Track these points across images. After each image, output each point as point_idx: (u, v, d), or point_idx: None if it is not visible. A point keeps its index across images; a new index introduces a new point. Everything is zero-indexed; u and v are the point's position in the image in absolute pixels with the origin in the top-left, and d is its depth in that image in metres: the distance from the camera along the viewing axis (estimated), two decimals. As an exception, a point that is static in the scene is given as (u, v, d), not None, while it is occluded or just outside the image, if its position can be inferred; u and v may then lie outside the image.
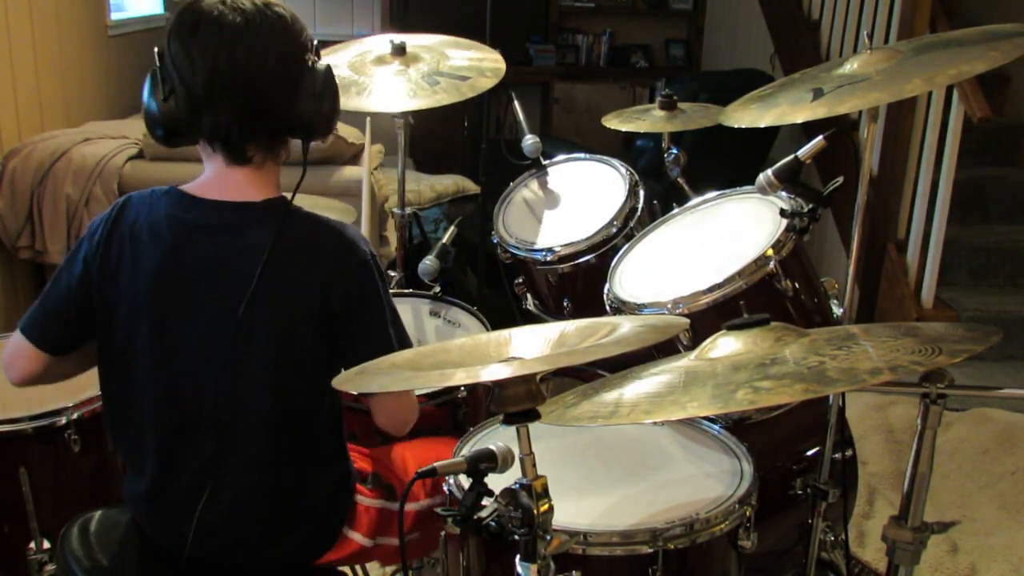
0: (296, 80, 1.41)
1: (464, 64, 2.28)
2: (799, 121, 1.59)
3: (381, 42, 2.30)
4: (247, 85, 1.38)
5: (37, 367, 1.51)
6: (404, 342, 1.49)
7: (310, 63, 1.44)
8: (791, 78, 1.82)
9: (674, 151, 2.36)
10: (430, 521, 1.66)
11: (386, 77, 2.20)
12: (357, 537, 1.57)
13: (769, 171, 1.79)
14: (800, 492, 1.85)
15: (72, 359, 1.54)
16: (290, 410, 1.45)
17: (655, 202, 2.24)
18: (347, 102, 2.14)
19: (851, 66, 1.68)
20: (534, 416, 1.10)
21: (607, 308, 1.88)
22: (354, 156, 3.52)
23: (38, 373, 1.52)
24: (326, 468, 1.53)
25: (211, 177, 1.46)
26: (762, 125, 1.68)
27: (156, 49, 1.43)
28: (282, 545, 1.49)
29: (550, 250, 2.15)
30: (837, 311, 1.85)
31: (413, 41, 2.30)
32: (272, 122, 1.43)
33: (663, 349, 1.68)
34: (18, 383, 1.54)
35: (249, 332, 1.39)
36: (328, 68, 1.46)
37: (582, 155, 2.43)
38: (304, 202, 2.25)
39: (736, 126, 1.74)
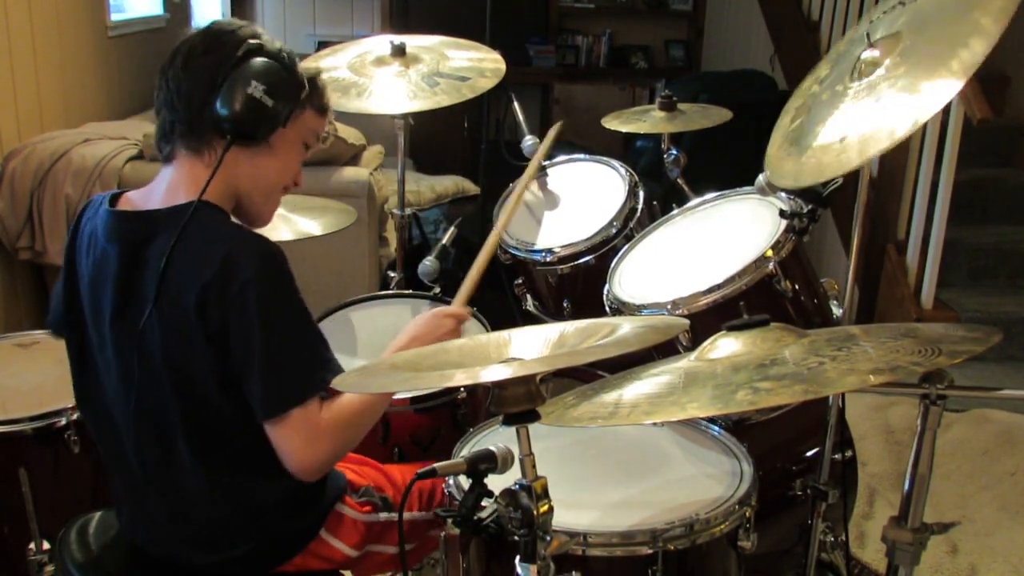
0: (212, 77, 1.38)
1: (464, 65, 2.28)
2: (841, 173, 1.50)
3: (381, 43, 2.30)
4: (169, 85, 1.41)
5: None
6: (300, 382, 1.34)
7: (233, 61, 1.39)
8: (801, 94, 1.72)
9: (674, 152, 2.36)
10: (422, 532, 1.66)
11: (386, 79, 2.20)
12: (341, 547, 1.55)
13: (769, 172, 1.78)
14: (800, 493, 1.85)
15: None
16: (202, 420, 1.40)
17: (655, 203, 2.24)
18: (347, 103, 2.14)
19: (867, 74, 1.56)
20: (534, 417, 1.10)
21: (607, 309, 1.88)
22: (354, 156, 3.53)
23: None
24: (264, 478, 1.44)
25: (147, 185, 1.47)
26: (810, 182, 1.57)
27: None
28: (225, 553, 1.46)
29: (550, 251, 2.15)
30: (837, 312, 1.85)
31: (413, 42, 2.30)
32: (188, 118, 1.41)
33: (663, 350, 1.68)
34: None
35: (147, 344, 1.37)
36: (262, 65, 1.39)
37: (582, 156, 2.42)
38: (304, 203, 2.26)
39: (795, 187, 1.61)
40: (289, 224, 2.11)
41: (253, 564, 1.49)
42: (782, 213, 1.74)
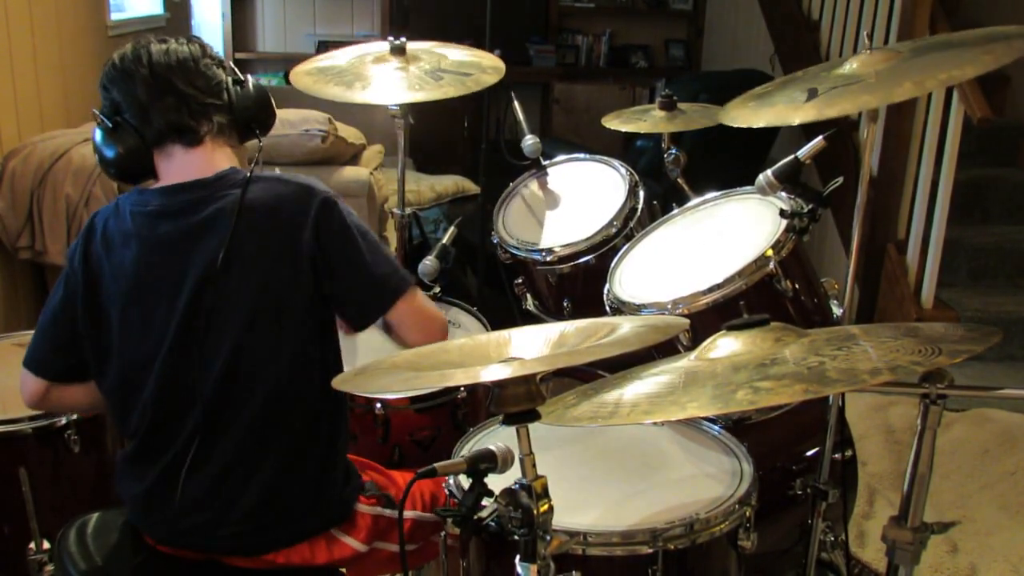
0: (229, 78, 1.54)
1: (465, 61, 2.28)
2: (792, 123, 1.59)
3: (379, 47, 2.29)
4: (204, 73, 1.51)
5: (39, 390, 1.59)
6: (395, 267, 1.51)
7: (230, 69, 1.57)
8: (793, 76, 1.81)
9: (674, 151, 2.36)
10: (427, 533, 1.66)
11: (389, 71, 2.20)
12: (351, 542, 1.56)
13: (769, 171, 1.79)
14: (800, 492, 1.85)
15: (76, 390, 1.59)
16: (283, 375, 1.46)
17: (655, 202, 2.24)
18: (352, 96, 2.13)
19: (850, 66, 1.67)
20: (534, 416, 1.10)
21: (607, 308, 1.88)
22: (354, 156, 3.52)
23: (40, 395, 1.59)
24: (316, 458, 1.51)
25: (168, 170, 1.51)
26: (756, 126, 1.67)
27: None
28: (250, 523, 1.48)
29: (550, 250, 2.15)
30: (837, 311, 1.85)
31: (411, 45, 2.29)
32: (228, 106, 1.53)
33: (663, 349, 1.68)
34: (28, 406, 1.64)
35: (226, 302, 1.42)
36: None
37: (582, 155, 2.42)
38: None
39: (733, 125, 1.73)
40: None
41: (272, 535, 1.50)
42: (782, 213, 1.74)
